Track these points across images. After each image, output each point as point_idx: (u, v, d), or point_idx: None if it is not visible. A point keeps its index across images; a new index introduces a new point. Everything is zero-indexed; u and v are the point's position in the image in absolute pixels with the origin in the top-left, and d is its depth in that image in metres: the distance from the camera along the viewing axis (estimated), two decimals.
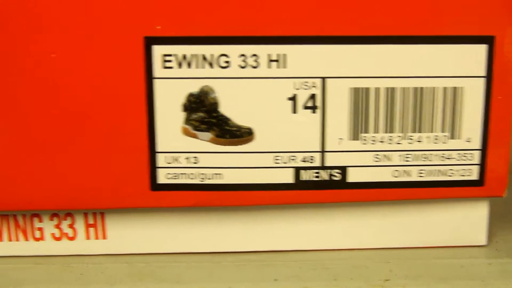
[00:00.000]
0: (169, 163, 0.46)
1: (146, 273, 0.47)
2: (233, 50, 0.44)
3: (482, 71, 0.45)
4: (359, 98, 0.45)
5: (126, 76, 0.44)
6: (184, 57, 0.44)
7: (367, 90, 0.45)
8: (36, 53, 0.43)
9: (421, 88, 0.45)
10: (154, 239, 0.49)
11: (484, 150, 0.46)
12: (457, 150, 0.46)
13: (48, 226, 0.48)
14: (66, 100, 0.44)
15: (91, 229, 0.48)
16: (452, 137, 0.46)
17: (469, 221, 0.49)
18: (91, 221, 0.48)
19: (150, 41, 0.44)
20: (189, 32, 0.44)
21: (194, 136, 0.45)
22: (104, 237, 0.49)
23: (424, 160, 0.46)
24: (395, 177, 0.47)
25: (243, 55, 0.44)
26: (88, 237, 0.49)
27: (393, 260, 0.48)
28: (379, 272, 0.47)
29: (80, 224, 0.48)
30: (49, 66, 0.44)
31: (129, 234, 0.48)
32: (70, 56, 0.44)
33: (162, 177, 0.46)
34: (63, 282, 0.46)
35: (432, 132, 0.46)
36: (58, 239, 0.49)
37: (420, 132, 0.46)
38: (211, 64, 0.44)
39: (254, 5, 0.43)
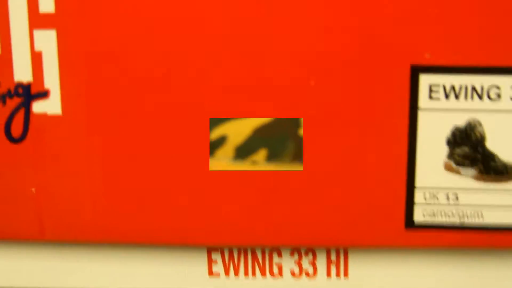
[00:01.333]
0: (427, 199, 0.43)
1: None
2: (505, 81, 0.41)
3: None
4: None
5: (390, 105, 0.42)
6: (452, 87, 0.42)
7: None
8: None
9: None
10: (400, 279, 0.46)
11: None
12: None
13: (288, 262, 0.46)
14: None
15: (332, 267, 0.46)
16: None
17: None
18: (333, 258, 0.46)
19: (417, 70, 0.42)
20: (459, 61, 0.41)
21: (457, 172, 0.43)
22: (346, 275, 0.46)
23: None
24: None
25: None
26: (329, 275, 0.46)
27: None
28: None
29: (321, 261, 0.46)
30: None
31: (371, 273, 0.46)
32: (329, 83, 0.42)
33: (419, 215, 0.43)
34: None
35: None
36: (297, 276, 0.46)
37: None
38: (480, 96, 0.42)
39: None
